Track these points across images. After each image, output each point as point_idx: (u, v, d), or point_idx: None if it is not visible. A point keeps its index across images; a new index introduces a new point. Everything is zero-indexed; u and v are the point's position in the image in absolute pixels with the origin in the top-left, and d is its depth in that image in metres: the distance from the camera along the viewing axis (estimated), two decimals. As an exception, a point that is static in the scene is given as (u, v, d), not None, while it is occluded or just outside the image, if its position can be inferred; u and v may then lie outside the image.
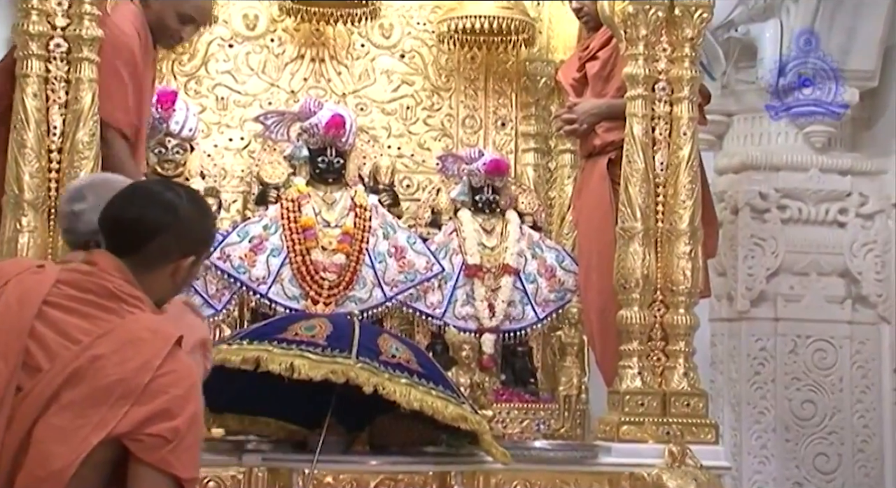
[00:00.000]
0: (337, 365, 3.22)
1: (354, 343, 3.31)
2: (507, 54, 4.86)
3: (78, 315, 2.09)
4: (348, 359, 3.24)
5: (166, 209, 2.22)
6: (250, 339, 3.36)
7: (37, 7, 3.53)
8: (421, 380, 3.32)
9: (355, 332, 3.36)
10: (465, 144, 4.80)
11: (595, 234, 4.11)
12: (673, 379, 3.90)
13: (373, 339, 3.38)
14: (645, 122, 3.94)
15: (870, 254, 5.16)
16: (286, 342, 3.32)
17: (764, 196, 5.11)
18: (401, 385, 3.26)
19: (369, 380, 3.22)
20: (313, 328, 3.36)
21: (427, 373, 3.37)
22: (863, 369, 5.12)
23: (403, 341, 3.57)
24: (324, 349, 3.27)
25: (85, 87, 3.54)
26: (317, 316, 3.65)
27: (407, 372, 3.31)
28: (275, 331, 3.39)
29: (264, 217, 4.34)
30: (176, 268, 2.24)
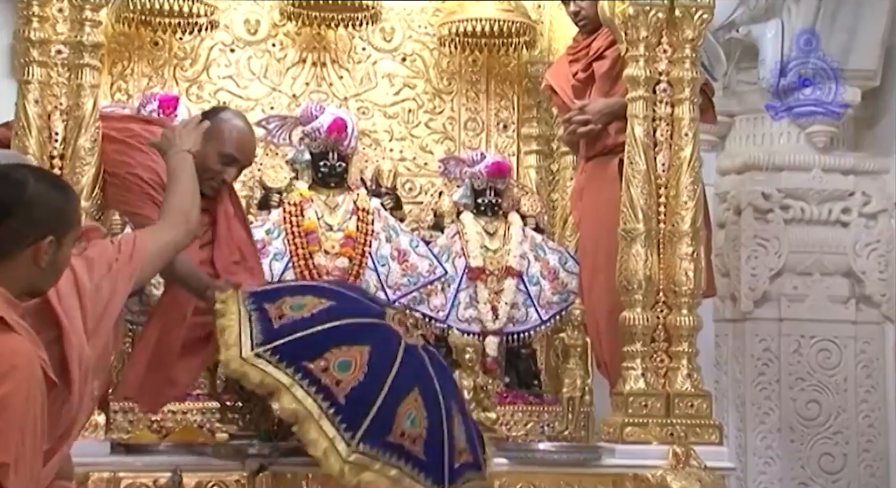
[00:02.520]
0: (334, 449, 3.08)
1: (370, 413, 3.13)
2: (509, 57, 4.86)
3: None
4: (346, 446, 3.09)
5: (11, 188, 2.16)
6: (283, 354, 3.15)
7: (38, 14, 3.55)
8: (413, 471, 3.16)
9: (382, 392, 3.15)
10: (467, 147, 4.81)
11: (604, 234, 4.10)
12: (676, 380, 3.90)
13: (397, 402, 3.16)
14: (646, 123, 3.94)
15: (873, 253, 5.15)
16: (311, 380, 3.12)
17: (767, 196, 5.11)
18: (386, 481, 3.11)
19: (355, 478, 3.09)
20: (348, 368, 3.15)
21: (427, 463, 3.18)
22: (867, 369, 5.11)
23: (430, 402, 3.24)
24: (336, 412, 3.10)
25: (86, 93, 3.55)
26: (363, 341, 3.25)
27: (405, 458, 3.15)
28: (311, 353, 3.17)
29: (267, 221, 4.35)
30: (36, 252, 2.19)
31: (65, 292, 2.38)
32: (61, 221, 2.25)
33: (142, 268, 2.62)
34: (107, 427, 3.63)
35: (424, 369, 3.31)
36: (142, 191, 3.49)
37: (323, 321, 3.24)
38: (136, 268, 2.59)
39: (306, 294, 3.38)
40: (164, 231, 2.82)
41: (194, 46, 4.65)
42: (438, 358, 3.47)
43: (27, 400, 2.09)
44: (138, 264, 2.60)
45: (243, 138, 3.69)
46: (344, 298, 3.40)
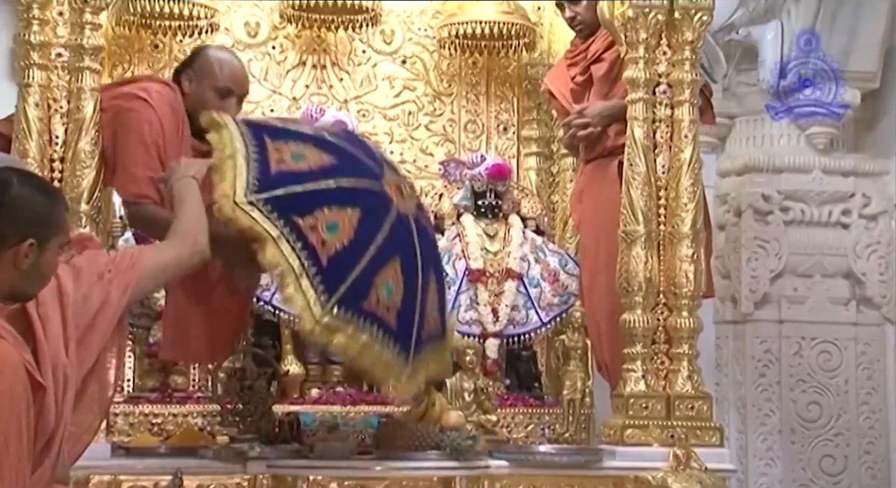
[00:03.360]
0: (308, 310, 3.09)
1: (349, 279, 3.15)
2: (509, 59, 4.87)
3: None
4: (320, 307, 3.09)
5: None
6: (275, 205, 3.12)
7: (38, 17, 3.54)
8: (382, 338, 3.20)
9: (363, 258, 3.18)
10: (468, 149, 4.81)
11: (605, 236, 4.10)
12: (677, 382, 3.90)
13: (376, 271, 3.20)
14: (646, 125, 3.94)
15: (873, 255, 5.15)
16: (297, 236, 3.11)
17: (767, 198, 5.10)
18: (356, 346, 3.16)
19: (332, 342, 3.14)
20: (335, 230, 3.17)
21: (397, 332, 3.23)
22: (868, 370, 5.11)
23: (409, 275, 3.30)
24: (317, 273, 3.10)
25: (86, 96, 3.54)
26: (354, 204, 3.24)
27: (376, 325, 3.18)
28: (302, 208, 3.15)
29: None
30: (16, 255, 2.17)
31: (44, 298, 2.35)
32: (43, 225, 2.23)
33: (139, 280, 2.59)
34: (107, 430, 3.63)
35: (409, 240, 3.34)
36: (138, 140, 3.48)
37: (319, 179, 3.22)
38: (132, 280, 2.56)
39: (308, 143, 3.34)
40: (168, 248, 2.80)
41: (194, 49, 4.64)
42: (427, 228, 3.53)
43: (11, 405, 2.08)
44: (136, 276, 2.57)
45: (234, 69, 3.71)
46: (344, 156, 3.36)
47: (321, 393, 4.28)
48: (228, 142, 3.22)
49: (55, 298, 2.38)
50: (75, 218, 3.50)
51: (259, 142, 3.24)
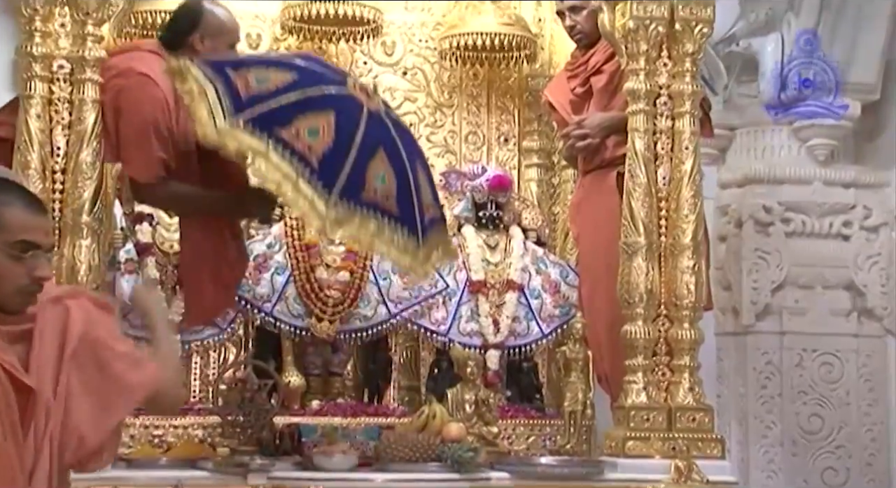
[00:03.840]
0: (313, 208, 3.29)
1: (344, 174, 3.33)
2: (510, 70, 4.87)
3: None
4: (324, 204, 3.29)
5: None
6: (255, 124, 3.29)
7: (40, 29, 3.55)
8: (390, 223, 3.40)
9: (351, 153, 3.36)
10: (468, 160, 4.81)
11: (603, 248, 4.11)
12: (678, 393, 3.90)
13: (365, 162, 3.38)
14: (647, 136, 3.94)
15: (874, 266, 5.15)
16: (284, 145, 3.28)
17: (768, 209, 5.10)
18: (368, 234, 3.37)
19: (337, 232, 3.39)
20: (317, 133, 3.34)
21: (401, 214, 3.45)
22: (870, 382, 5.10)
23: (394, 160, 3.49)
24: (312, 173, 3.28)
25: (88, 108, 3.55)
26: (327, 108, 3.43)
27: (380, 213, 3.39)
28: (281, 120, 3.32)
29: (268, 235, 4.35)
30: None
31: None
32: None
33: None
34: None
35: (387, 132, 3.52)
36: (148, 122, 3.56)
37: (288, 92, 3.39)
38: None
39: (269, 67, 3.51)
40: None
41: (196, 60, 4.65)
42: (399, 121, 3.72)
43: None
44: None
45: (235, 21, 3.83)
46: (304, 71, 3.52)
47: (322, 405, 4.27)
48: (194, 83, 3.37)
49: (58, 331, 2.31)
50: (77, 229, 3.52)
51: (223, 75, 3.40)
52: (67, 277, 3.52)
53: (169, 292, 4.17)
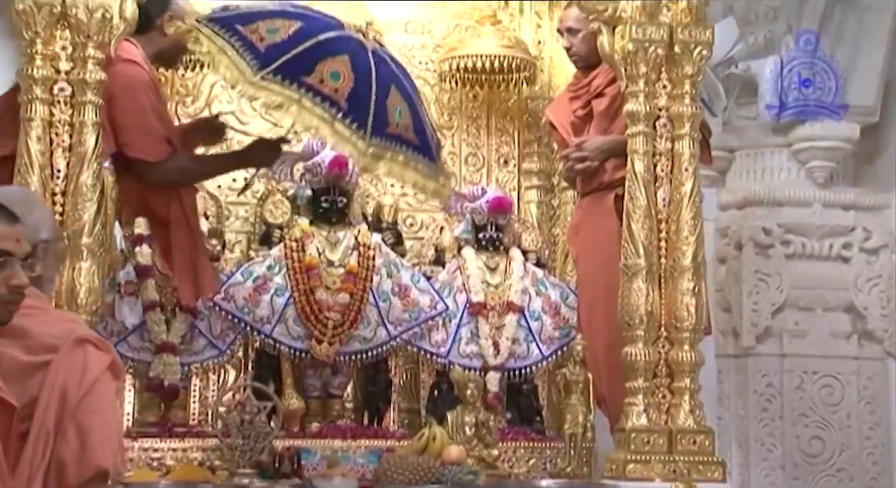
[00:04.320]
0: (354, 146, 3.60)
1: (370, 112, 3.62)
2: (509, 92, 4.88)
3: None
4: (362, 141, 3.60)
5: None
6: (284, 76, 3.55)
7: (41, 52, 3.56)
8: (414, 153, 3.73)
9: (372, 92, 3.62)
10: (468, 182, 4.81)
11: (602, 270, 4.11)
12: (679, 416, 3.89)
13: (383, 101, 3.66)
14: (646, 158, 3.95)
15: (875, 288, 5.15)
16: (314, 92, 3.56)
17: (767, 231, 5.11)
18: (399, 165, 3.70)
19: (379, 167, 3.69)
20: (338, 77, 3.60)
21: (419, 143, 3.76)
22: (871, 405, 5.09)
23: (405, 92, 3.78)
24: (345, 115, 3.57)
25: (88, 131, 3.56)
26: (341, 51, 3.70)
27: (405, 145, 3.71)
28: (304, 68, 3.58)
29: (268, 257, 4.34)
30: None
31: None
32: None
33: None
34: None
35: (390, 67, 3.80)
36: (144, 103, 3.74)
37: (301, 41, 3.63)
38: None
39: (274, 17, 3.71)
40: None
41: (196, 83, 4.67)
42: (393, 57, 3.92)
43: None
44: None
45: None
46: (308, 18, 3.74)
47: (321, 428, 4.26)
48: (210, 43, 3.62)
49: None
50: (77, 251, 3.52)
51: (234, 31, 3.63)
52: (67, 299, 3.51)
53: (169, 314, 4.17)
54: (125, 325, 4.12)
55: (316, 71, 3.59)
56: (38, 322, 2.39)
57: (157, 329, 4.13)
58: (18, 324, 2.35)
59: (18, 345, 2.32)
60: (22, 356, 2.32)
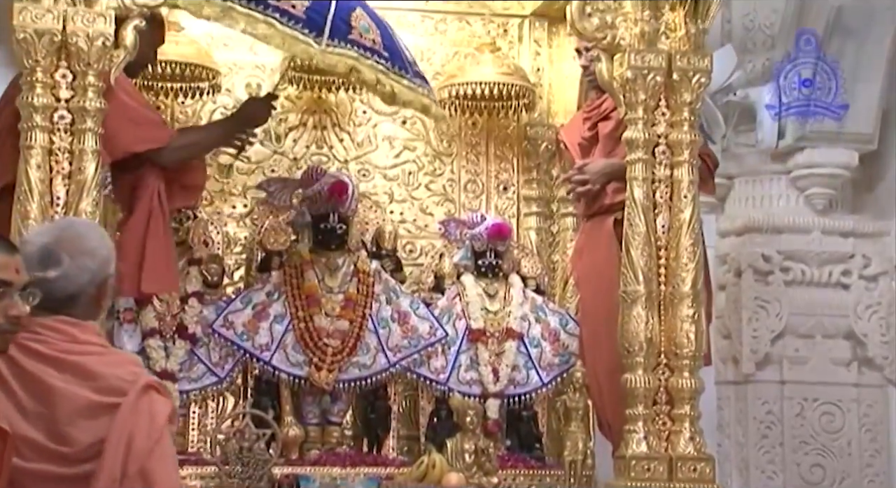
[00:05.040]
0: (308, 46, 3.77)
1: (328, 21, 3.78)
2: (508, 119, 4.89)
3: None
4: (316, 42, 3.76)
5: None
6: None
7: (41, 80, 3.57)
8: (387, 65, 3.91)
9: (331, 8, 3.81)
10: (468, 209, 4.82)
11: (603, 294, 4.11)
12: (679, 443, 3.87)
13: (346, 15, 3.85)
14: (646, 185, 3.96)
15: (874, 315, 5.15)
16: (266, 5, 3.71)
17: (767, 258, 5.11)
18: (372, 69, 3.86)
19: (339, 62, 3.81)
20: (367, 28, 3.89)
21: (391, 56, 3.93)
22: (871, 432, 5.08)
23: (374, 18, 4.00)
24: (297, 21, 3.74)
25: (88, 158, 3.56)
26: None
27: (370, 52, 3.85)
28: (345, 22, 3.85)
29: (267, 284, 4.34)
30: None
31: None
32: None
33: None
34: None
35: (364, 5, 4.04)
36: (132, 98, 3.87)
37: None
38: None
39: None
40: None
41: (196, 110, 4.68)
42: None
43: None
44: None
45: None
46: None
47: (321, 455, 4.25)
48: (249, 19, 3.76)
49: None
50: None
51: (266, 4, 3.77)
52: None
53: (168, 341, 4.16)
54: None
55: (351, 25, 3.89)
56: (105, 362, 2.41)
57: (156, 356, 4.12)
58: (86, 363, 2.37)
59: (88, 386, 2.34)
60: (91, 395, 2.34)
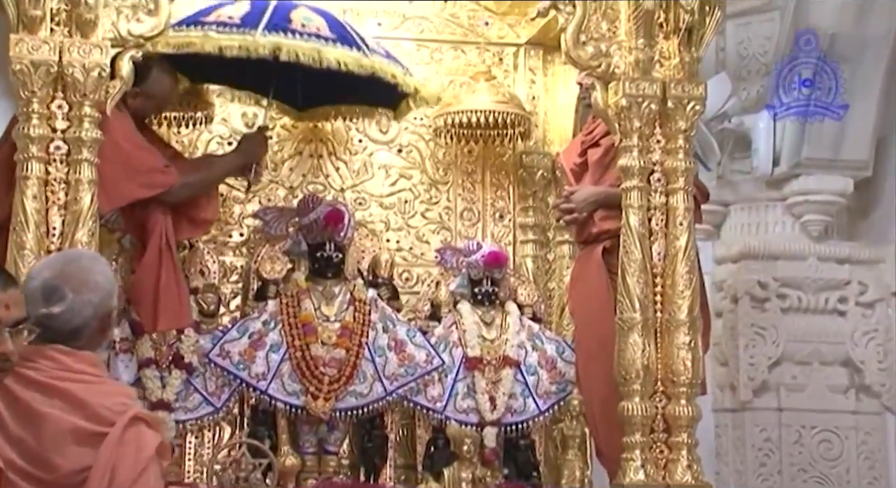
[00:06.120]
0: (245, 41, 3.86)
1: (264, 19, 3.91)
2: (504, 147, 4.90)
3: None
4: (250, 35, 3.86)
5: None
6: (177, 26, 3.89)
7: (37, 111, 3.58)
8: (330, 43, 3.93)
9: (268, 9, 3.96)
10: (464, 237, 4.82)
11: (594, 323, 4.11)
12: (676, 471, 3.86)
13: (286, 11, 3.96)
14: (641, 212, 3.96)
15: (871, 342, 5.15)
16: (203, 24, 3.92)
17: (763, 285, 5.12)
18: (306, 47, 3.88)
19: (268, 45, 3.84)
20: (237, 9, 3.99)
21: (338, 37, 3.97)
22: (869, 460, 5.06)
23: (320, 12, 4.09)
24: (233, 27, 3.89)
25: (84, 188, 3.56)
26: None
27: (315, 37, 3.92)
28: (200, 15, 3.99)
29: (264, 313, 4.34)
30: None
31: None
32: None
33: None
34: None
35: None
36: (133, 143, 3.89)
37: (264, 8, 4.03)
38: None
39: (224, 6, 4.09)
40: None
41: (192, 139, 4.69)
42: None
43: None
44: None
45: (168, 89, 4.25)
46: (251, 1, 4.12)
47: (317, 484, 4.23)
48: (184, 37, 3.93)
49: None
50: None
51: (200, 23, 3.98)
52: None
53: (164, 371, 4.15)
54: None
55: (213, 13, 4.00)
56: (95, 392, 2.42)
57: (152, 386, 4.11)
58: (75, 391, 2.39)
59: (76, 414, 2.36)
60: (78, 422, 2.35)
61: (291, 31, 3.94)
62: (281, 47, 3.90)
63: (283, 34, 3.92)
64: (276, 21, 3.96)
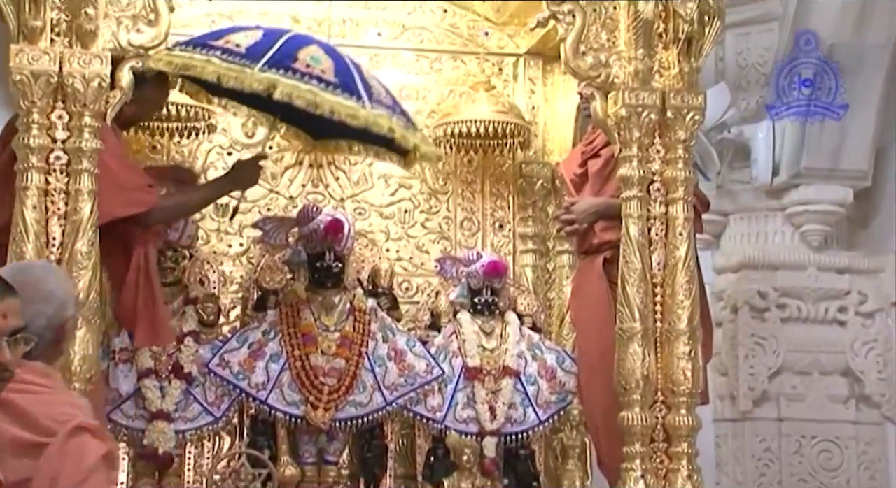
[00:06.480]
0: (243, 74, 3.72)
1: (269, 53, 3.78)
2: (504, 157, 4.91)
3: None
4: (249, 68, 3.72)
5: None
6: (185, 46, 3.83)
7: (37, 121, 3.58)
8: (329, 88, 3.77)
9: (278, 42, 3.84)
10: (464, 246, 4.82)
11: (595, 334, 4.11)
12: (677, 481, 3.86)
13: (294, 48, 3.83)
14: (641, 222, 3.97)
15: (871, 352, 5.15)
16: (209, 48, 3.79)
17: (763, 295, 5.12)
18: (302, 89, 3.72)
19: (264, 81, 3.71)
20: (246, 37, 3.86)
21: (340, 83, 3.81)
22: (870, 470, 5.06)
23: (330, 53, 3.94)
24: (237, 56, 3.76)
25: (84, 198, 3.57)
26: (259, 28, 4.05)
27: (317, 80, 3.76)
28: (210, 38, 3.89)
29: (263, 322, 4.34)
30: None
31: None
32: None
33: None
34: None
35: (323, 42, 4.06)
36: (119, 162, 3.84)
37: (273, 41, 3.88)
38: None
39: (236, 32, 3.97)
40: None
41: (192, 149, 4.69)
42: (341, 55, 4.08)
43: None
44: None
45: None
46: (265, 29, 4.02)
47: (317, 495, 4.23)
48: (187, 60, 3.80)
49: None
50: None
51: (208, 47, 3.84)
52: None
53: (163, 381, 4.15)
54: (119, 393, 4.11)
55: (224, 38, 3.87)
56: (38, 402, 2.39)
57: (152, 396, 4.11)
58: (17, 401, 2.35)
59: (17, 424, 2.32)
60: (19, 433, 2.32)
61: (293, 70, 3.77)
62: (276, 85, 3.73)
63: (284, 72, 3.76)
64: (280, 57, 3.79)
